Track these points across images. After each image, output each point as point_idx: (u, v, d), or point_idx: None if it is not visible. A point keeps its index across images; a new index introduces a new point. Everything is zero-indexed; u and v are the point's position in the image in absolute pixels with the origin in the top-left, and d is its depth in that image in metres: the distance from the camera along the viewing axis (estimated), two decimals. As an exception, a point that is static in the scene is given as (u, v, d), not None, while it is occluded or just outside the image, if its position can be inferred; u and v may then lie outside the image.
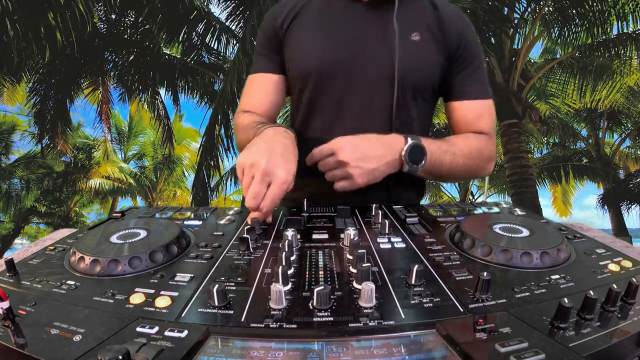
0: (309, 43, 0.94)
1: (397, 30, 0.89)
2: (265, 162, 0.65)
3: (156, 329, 0.37)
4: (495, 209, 0.79)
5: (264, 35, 1.00)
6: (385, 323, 0.38)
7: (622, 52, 7.49)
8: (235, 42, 8.32)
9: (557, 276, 0.48)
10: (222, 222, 0.72)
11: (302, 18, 0.96)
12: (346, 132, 0.88)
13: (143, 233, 0.60)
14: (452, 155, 0.88)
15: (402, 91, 0.91)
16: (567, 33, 7.28)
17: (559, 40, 7.62)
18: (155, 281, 0.48)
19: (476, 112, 0.97)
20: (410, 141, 0.82)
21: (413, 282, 0.45)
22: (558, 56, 8.95)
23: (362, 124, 0.92)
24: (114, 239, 0.57)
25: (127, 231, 0.60)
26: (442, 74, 0.96)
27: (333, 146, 0.80)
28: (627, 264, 0.52)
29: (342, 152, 0.78)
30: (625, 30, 7.13)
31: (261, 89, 1.01)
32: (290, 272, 0.49)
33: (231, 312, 0.41)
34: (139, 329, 0.37)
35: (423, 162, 0.83)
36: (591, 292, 0.39)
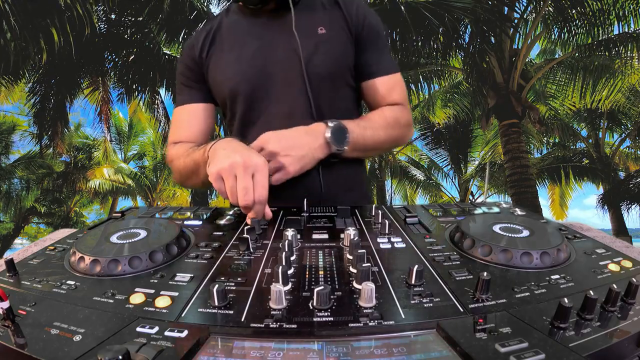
0: (225, 67, 0.97)
1: (296, 30, 0.92)
2: (240, 157, 0.67)
3: (156, 329, 0.37)
4: (495, 209, 0.79)
5: (184, 67, 1.02)
6: (385, 323, 0.38)
7: (623, 51, 7.49)
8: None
9: (557, 276, 0.48)
10: (222, 222, 0.72)
11: (216, 45, 0.99)
12: None
13: (143, 233, 0.60)
14: (372, 130, 0.93)
15: (321, 84, 0.94)
16: (566, 34, 7.29)
17: (558, 41, 7.61)
18: (155, 281, 0.48)
19: (387, 86, 1.02)
20: (331, 124, 0.86)
21: (413, 282, 0.45)
22: (557, 57, 8.94)
23: (293, 126, 0.91)
24: (114, 239, 0.57)
25: (127, 231, 0.60)
26: (354, 59, 1.00)
27: (260, 142, 0.81)
28: (627, 264, 0.52)
29: (270, 143, 0.80)
30: (626, 30, 7.13)
31: (189, 120, 1.03)
32: (290, 272, 0.49)
33: (231, 312, 0.41)
34: (139, 329, 0.37)
35: (347, 140, 0.87)
36: (591, 292, 0.39)
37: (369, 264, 0.45)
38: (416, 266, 0.46)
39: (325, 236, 0.63)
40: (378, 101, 1.03)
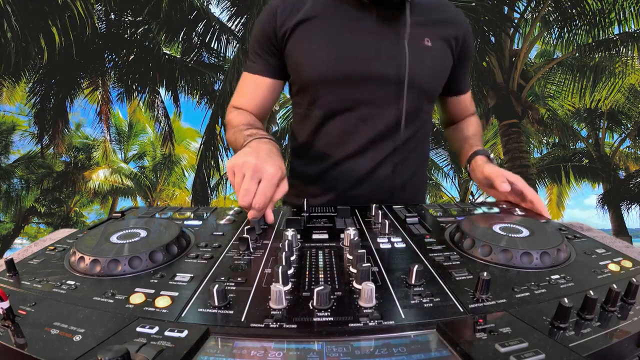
0: (315, 51, 0.92)
1: (407, 38, 0.89)
2: (254, 160, 0.67)
3: (156, 329, 0.37)
4: (495, 209, 0.79)
5: (262, 33, 0.96)
6: (385, 323, 0.38)
7: (623, 52, 7.48)
8: (235, 43, 8.35)
9: (557, 276, 0.48)
10: (222, 222, 0.72)
11: (306, 23, 0.92)
12: (360, 138, 0.95)
13: (143, 233, 0.60)
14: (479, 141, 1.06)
15: (417, 97, 0.94)
16: (567, 34, 7.28)
17: (558, 41, 7.60)
18: (155, 281, 0.48)
19: (468, 100, 1.14)
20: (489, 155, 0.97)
21: (413, 282, 0.45)
22: (557, 57, 8.93)
23: (376, 130, 0.95)
24: (114, 239, 0.57)
25: (127, 231, 0.60)
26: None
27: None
28: (627, 264, 0.52)
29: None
30: (626, 30, 7.13)
31: (254, 91, 1.01)
32: (290, 272, 0.49)
33: (231, 312, 0.41)
34: (139, 329, 0.37)
35: None
36: (591, 292, 0.39)
37: (369, 264, 0.45)
38: (416, 266, 0.46)
39: (325, 236, 0.63)
40: (461, 114, 1.15)
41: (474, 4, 6.20)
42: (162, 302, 0.43)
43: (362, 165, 0.97)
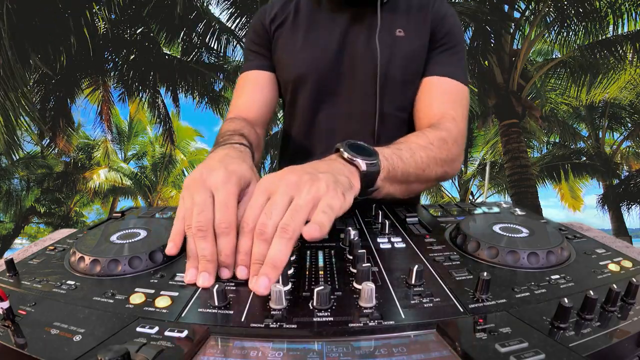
0: (295, 50, 0.95)
1: (378, 31, 0.90)
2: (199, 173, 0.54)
3: (156, 329, 0.37)
4: (495, 209, 0.79)
5: (254, 33, 1.01)
6: (385, 323, 0.38)
7: (621, 52, 7.48)
8: (235, 43, 8.37)
9: (557, 276, 0.48)
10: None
11: (289, 23, 0.98)
12: (342, 134, 0.94)
13: (143, 233, 0.60)
14: (408, 149, 0.71)
15: (393, 89, 0.94)
16: (566, 34, 7.28)
17: (558, 37, 7.59)
18: (155, 281, 0.48)
19: (443, 88, 0.90)
20: (340, 143, 0.61)
21: (413, 282, 0.45)
22: (556, 57, 8.93)
23: (355, 125, 0.95)
24: (113, 239, 0.57)
25: (127, 231, 0.60)
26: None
27: (261, 189, 0.51)
28: (627, 264, 0.52)
29: (276, 181, 0.51)
30: (625, 31, 7.14)
31: (252, 86, 0.99)
32: (290, 272, 0.49)
33: (231, 312, 0.41)
34: (139, 329, 0.37)
35: (373, 151, 0.61)
36: (591, 292, 0.38)
37: (369, 264, 0.45)
38: (416, 266, 0.46)
39: (326, 236, 0.63)
40: (426, 100, 0.91)
41: (473, 3, 6.20)
42: (162, 302, 0.43)
43: None
